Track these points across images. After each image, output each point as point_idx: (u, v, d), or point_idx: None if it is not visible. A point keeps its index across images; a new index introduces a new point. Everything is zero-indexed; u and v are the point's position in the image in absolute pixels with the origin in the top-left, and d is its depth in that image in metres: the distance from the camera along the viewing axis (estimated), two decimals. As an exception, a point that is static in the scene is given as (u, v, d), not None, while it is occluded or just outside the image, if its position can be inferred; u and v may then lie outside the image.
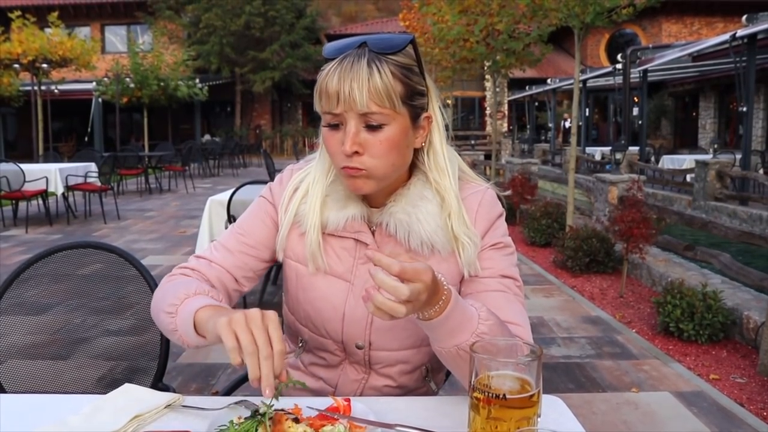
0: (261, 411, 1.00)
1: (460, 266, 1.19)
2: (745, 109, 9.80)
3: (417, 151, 1.20)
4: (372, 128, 1.09)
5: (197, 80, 22.53)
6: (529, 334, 1.17)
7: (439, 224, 1.17)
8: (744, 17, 10.42)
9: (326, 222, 1.21)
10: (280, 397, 0.92)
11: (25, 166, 8.42)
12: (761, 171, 11.78)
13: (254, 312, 0.95)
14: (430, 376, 1.32)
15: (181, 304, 1.12)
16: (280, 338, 0.94)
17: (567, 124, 25.36)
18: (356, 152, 1.09)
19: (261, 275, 1.34)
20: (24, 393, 1.45)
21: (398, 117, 1.10)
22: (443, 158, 1.19)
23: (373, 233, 1.22)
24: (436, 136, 1.19)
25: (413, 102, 1.13)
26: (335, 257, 1.23)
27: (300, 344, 1.35)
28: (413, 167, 1.22)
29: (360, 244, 1.22)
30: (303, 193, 1.24)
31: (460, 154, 1.31)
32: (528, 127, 26.07)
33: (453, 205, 1.17)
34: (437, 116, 1.19)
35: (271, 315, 0.96)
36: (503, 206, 1.29)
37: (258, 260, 1.30)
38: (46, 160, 11.07)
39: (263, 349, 0.91)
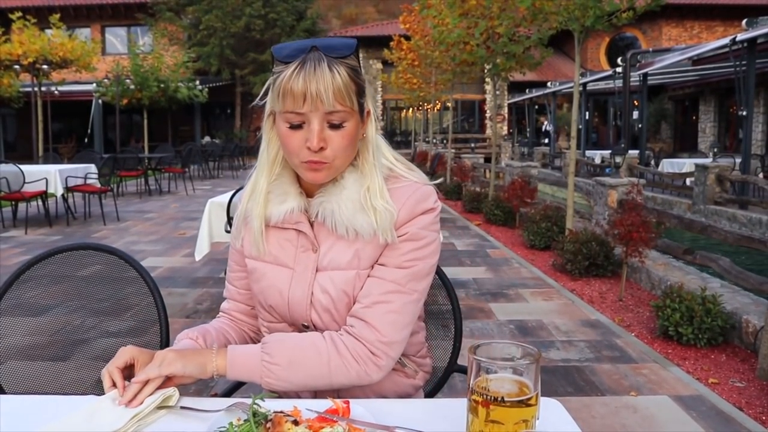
0: (260, 413, 1.00)
1: (376, 230, 1.24)
2: (744, 113, 9.82)
3: None
4: (334, 126, 1.19)
5: (197, 82, 22.53)
6: (374, 316, 1.23)
7: (357, 208, 1.24)
8: (744, 21, 10.45)
9: (269, 216, 1.31)
10: (278, 400, 0.93)
11: (24, 167, 8.42)
12: (761, 175, 11.79)
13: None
14: (401, 361, 1.38)
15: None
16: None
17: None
18: (321, 148, 1.18)
19: None
20: (23, 394, 1.46)
21: (354, 114, 1.21)
22: (373, 143, 1.28)
23: (312, 224, 1.30)
24: (370, 128, 1.28)
25: (362, 100, 1.24)
26: (279, 248, 1.32)
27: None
28: None
29: (301, 234, 1.31)
30: (250, 191, 1.34)
31: (459, 156, 1.37)
32: (528, 130, 26.11)
33: (373, 180, 1.25)
34: (373, 110, 1.29)
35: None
36: (436, 204, 1.33)
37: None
38: (46, 162, 11.05)
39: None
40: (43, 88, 15.92)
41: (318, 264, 1.29)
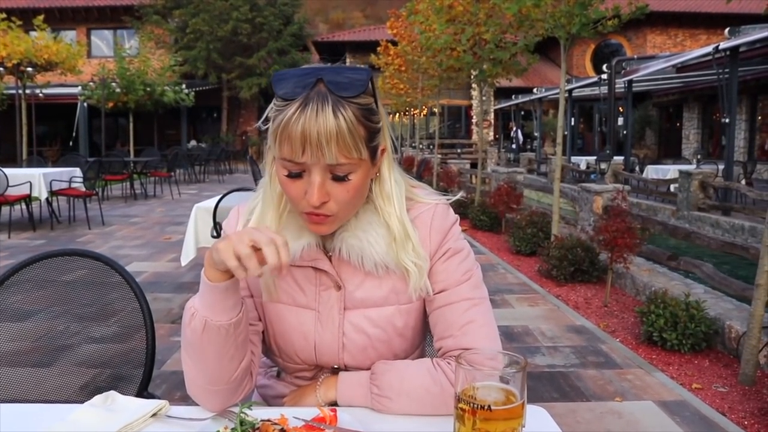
0: (247, 422, 1.00)
1: (408, 291, 1.20)
2: (727, 120, 9.93)
3: None
4: (338, 179, 1.08)
5: (184, 86, 22.48)
6: (482, 335, 1.19)
7: (389, 244, 1.18)
8: (726, 30, 10.56)
9: None
10: (266, 408, 0.92)
11: (8, 171, 8.34)
12: (743, 181, 11.92)
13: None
14: None
15: (194, 299, 1.13)
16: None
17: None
18: (323, 202, 1.08)
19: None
20: (5, 401, 1.44)
21: (362, 163, 1.09)
22: (389, 185, 1.19)
23: (330, 259, 1.21)
24: (385, 165, 1.18)
25: (373, 143, 1.11)
26: (297, 288, 1.23)
27: (278, 371, 1.36)
28: None
29: (319, 272, 1.21)
30: (255, 226, 1.19)
31: (446, 162, 1.32)
32: (513, 137, 26.23)
33: (397, 232, 1.17)
34: (388, 145, 1.17)
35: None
36: (455, 213, 1.29)
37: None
38: (30, 165, 10.95)
39: (277, 240, 0.99)
40: (27, 91, 15.79)
41: (346, 302, 1.21)
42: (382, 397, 1.15)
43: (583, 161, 17.10)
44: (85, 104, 20.99)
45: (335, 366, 1.24)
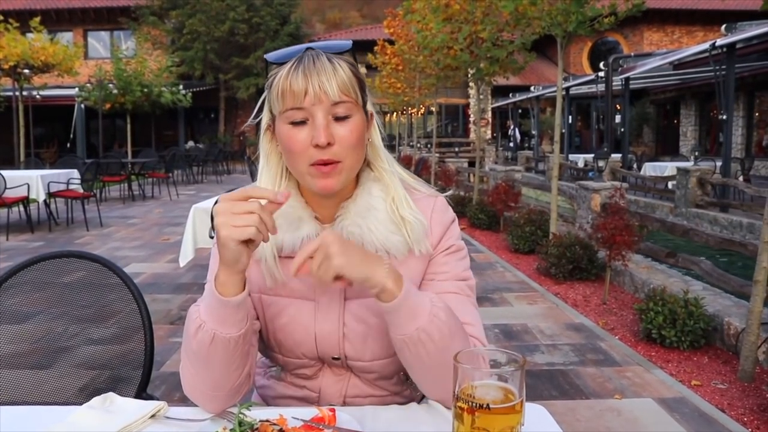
0: (246, 422, 1.00)
1: (410, 244, 1.20)
2: (725, 117, 9.93)
3: None
4: (340, 119, 1.13)
5: (181, 86, 22.44)
6: (481, 333, 1.22)
7: (390, 229, 1.19)
8: (723, 27, 10.58)
9: (281, 245, 1.20)
10: (264, 408, 0.92)
11: (5, 173, 8.33)
12: (741, 178, 11.93)
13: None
14: (409, 381, 1.33)
15: (200, 309, 1.12)
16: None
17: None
18: (328, 143, 1.11)
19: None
20: (4, 403, 1.44)
21: (359, 109, 1.15)
22: (382, 149, 1.24)
23: None
24: (375, 134, 1.23)
25: (364, 97, 1.18)
26: (296, 279, 1.20)
27: (279, 367, 1.36)
28: (358, 174, 1.24)
29: None
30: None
31: (443, 161, 1.33)
32: (510, 136, 26.25)
33: (396, 189, 1.21)
34: (376, 117, 1.24)
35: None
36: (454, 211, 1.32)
37: None
38: (28, 167, 10.95)
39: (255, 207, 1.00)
40: (24, 93, 15.77)
41: (346, 293, 1.21)
42: (438, 318, 1.07)
43: (580, 159, 17.09)
44: (83, 106, 20.96)
45: (335, 357, 1.24)
